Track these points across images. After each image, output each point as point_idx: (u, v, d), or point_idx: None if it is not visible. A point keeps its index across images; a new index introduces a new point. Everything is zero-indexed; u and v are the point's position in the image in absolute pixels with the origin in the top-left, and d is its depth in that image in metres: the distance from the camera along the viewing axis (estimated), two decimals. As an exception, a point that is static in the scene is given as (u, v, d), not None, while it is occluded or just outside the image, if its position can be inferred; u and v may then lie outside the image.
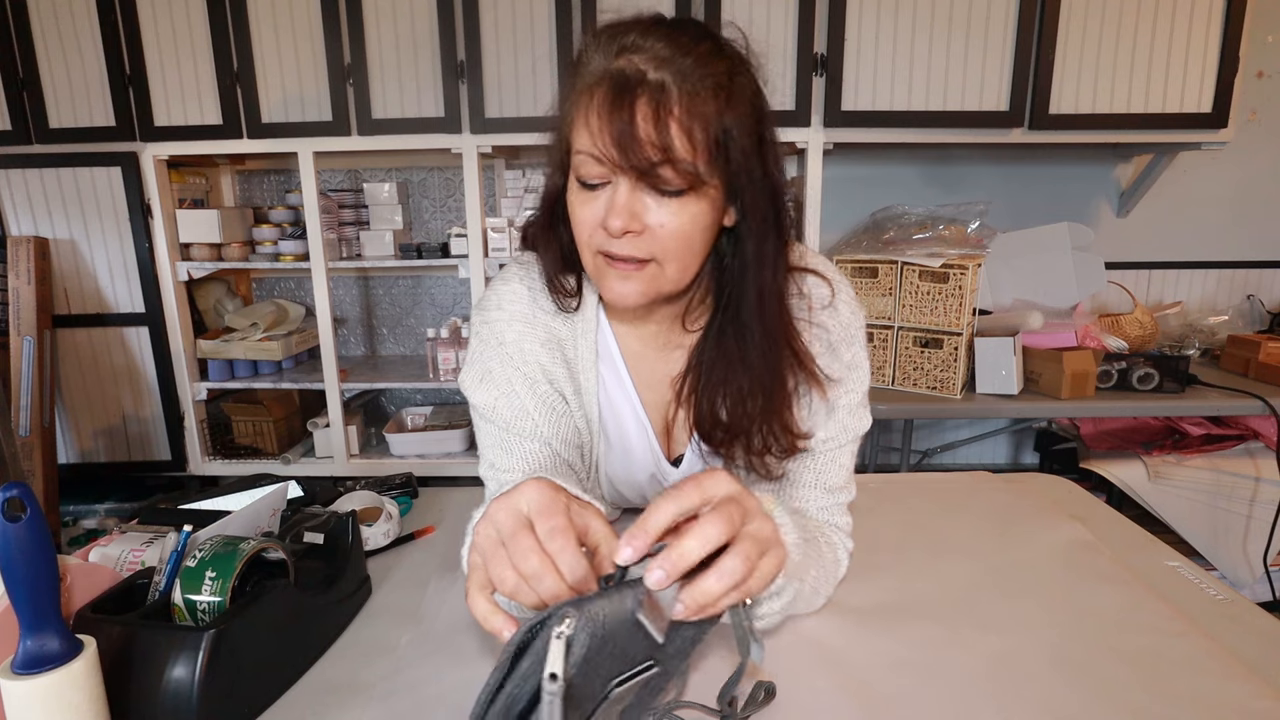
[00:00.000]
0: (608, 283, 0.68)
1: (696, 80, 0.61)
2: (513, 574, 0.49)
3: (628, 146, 0.60)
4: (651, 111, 0.60)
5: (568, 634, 0.43)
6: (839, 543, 0.78)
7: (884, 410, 1.83)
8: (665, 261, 0.66)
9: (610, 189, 0.64)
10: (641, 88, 0.60)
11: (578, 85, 0.65)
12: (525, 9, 1.98)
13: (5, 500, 0.48)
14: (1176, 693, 0.62)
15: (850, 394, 0.77)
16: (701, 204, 0.64)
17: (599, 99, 0.61)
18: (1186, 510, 1.98)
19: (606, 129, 0.60)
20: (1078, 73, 1.99)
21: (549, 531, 0.49)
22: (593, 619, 0.44)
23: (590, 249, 0.68)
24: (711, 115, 0.61)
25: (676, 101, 0.60)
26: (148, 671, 0.56)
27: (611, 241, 0.65)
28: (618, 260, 0.66)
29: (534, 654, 0.45)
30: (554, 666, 0.42)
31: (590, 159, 0.63)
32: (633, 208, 0.63)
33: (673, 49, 0.61)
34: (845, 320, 0.77)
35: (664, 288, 0.68)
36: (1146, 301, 2.51)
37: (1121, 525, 0.99)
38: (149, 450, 2.30)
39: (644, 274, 0.67)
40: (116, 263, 2.18)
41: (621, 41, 0.62)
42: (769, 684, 0.61)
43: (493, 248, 2.17)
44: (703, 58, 0.62)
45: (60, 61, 2.04)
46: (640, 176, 0.62)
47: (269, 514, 0.78)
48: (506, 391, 0.75)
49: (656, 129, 0.60)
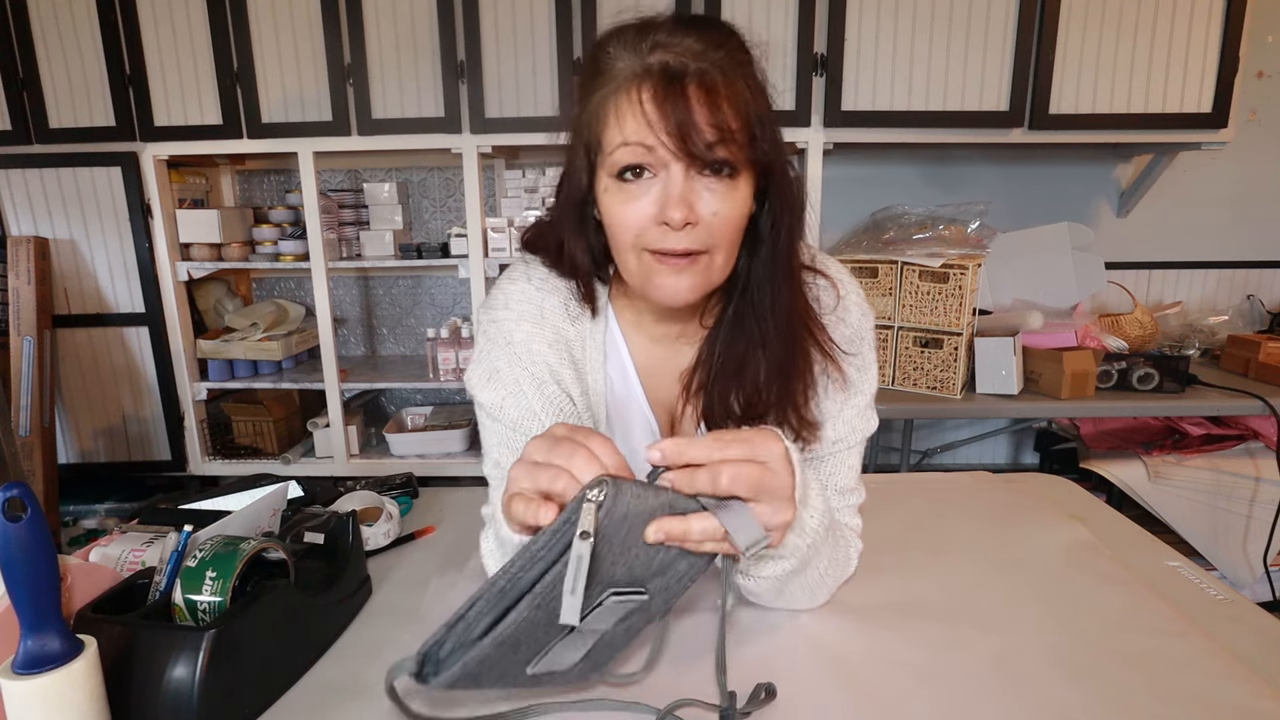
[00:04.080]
0: (659, 280, 0.67)
1: (731, 71, 0.63)
2: (558, 472, 0.53)
3: (687, 133, 0.61)
4: (705, 96, 0.61)
5: (599, 499, 0.48)
6: (851, 541, 0.78)
7: (884, 410, 1.80)
8: (716, 252, 0.67)
9: (659, 183, 0.64)
10: (689, 77, 0.62)
11: (608, 83, 0.65)
12: (525, 9, 1.98)
13: (5, 500, 0.48)
14: (1177, 693, 0.62)
15: (859, 395, 0.78)
16: (745, 190, 0.66)
17: (648, 92, 0.62)
18: (1186, 510, 1.98)
19: (660, 119, 0.61)
20: (1078, 73, 1.99)
21: (585, 435, 0.55)
22: (621, 493, 0.49)
23: (635, 250, 0.67)
24: (749, 101, 0.64)
25: (723, 89, 0.62)
26: (148, 671, 0.56)
27: (667, 237, 0.65)
28: (670, 256, 0.66)
29: (561, 536, 0.49)
30: (585, 525, 0.47)
31: (638, 149, 0.63)
32: (689, 198, 0.64)
33: (704, 44, 0.63)
34: (855, 321, 0.78)
35: (713, 279, 0.69)
36: (1146, 301, 2.51)
37: (1121, 525, 0.99)
38: (149, 450, 2.30)
39: (697, 267, 0.67)
40: (116, 263, 2.18)
41: (653, 39, 0.64)
42: (769, 684, 0.61)
43: (493, 248, 2.17)
44: (732, 52, 0.64)
45: (60, 61, 2.04)
46: (693, 162, 0.63)
47: (269, 514, 0.77)
48: (514, 391, 0.75)
49: (713, 111, 0.61)
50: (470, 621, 0.50)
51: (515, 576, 0.49)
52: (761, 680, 0.62)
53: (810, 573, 0.69)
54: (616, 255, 0.70)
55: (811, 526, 0.64)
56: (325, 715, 0.62)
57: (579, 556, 0.47)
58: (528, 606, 0.48)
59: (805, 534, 0.64)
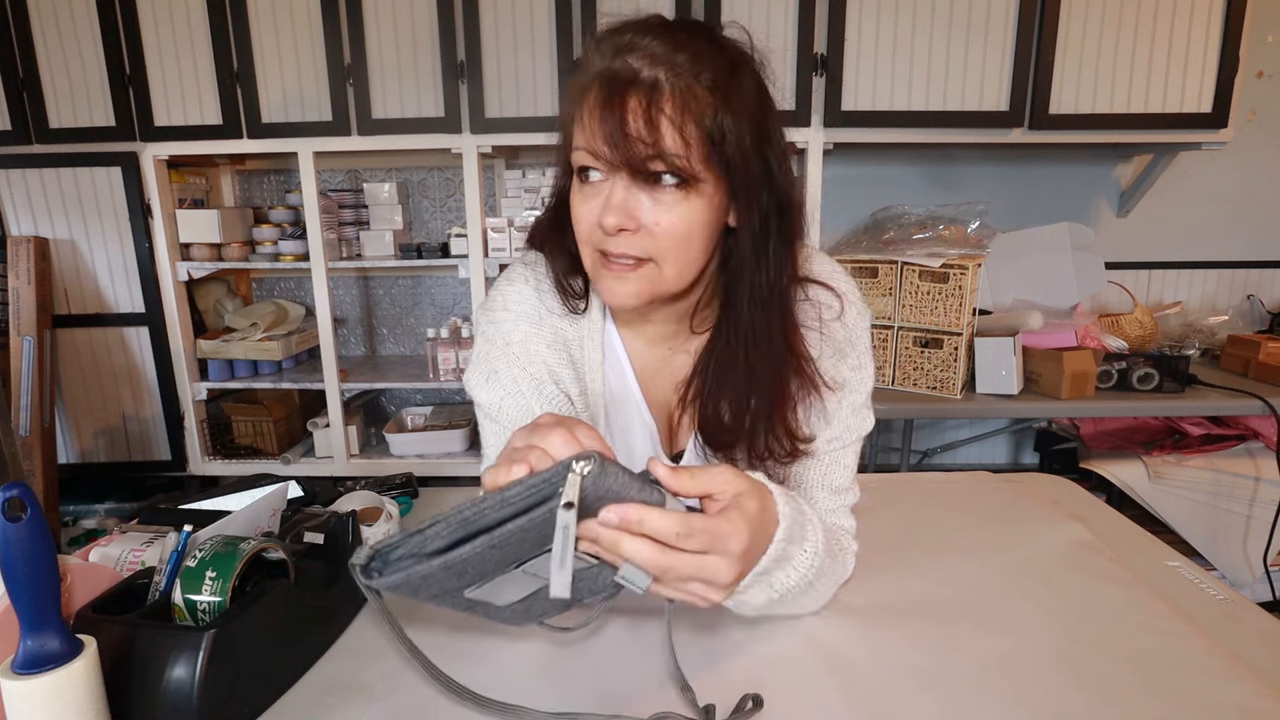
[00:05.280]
0: (604, 282, 0.68)
1: (691, 77, 0.61)
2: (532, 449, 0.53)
3: (618, 143, 0.61)
4: (642, 108, 0.60)
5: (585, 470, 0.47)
6: (847, 547, 0.78)
7: (884, 410, 1.82)
8: (662, 261, 0.66)
9: (608, 186, 0.64)
10: (633, 85, 0.61)
11: (579, 83, 0.65)
12: (525, 9, 1.98)
13: (5, 500, 0.48)
14: (1176, 692, 0.62)
15: (855, 395, 0.78)
16: (698, 202, 0.64)
17: (593, 98, 0.62)
18: (1186, 510, 1.98)
19: (599, 127, 0.61)
20: (1078, 73, 1.99)
21: (570, 423, 0.55)
22: (606, 472, 0.48)
23: (589, 247, 0.68)
24: (706, 111, 0.61)
25: (669, 99, 0.61)
26: (148, 671, 0.56)
27: (608, 240, 0.65)
28: (614, 259, 0.66)
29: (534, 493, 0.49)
30: (570, 496, 0.46)
31: (586, 154, 0.64)
32: (627, 205, 0.63)
33: (667, 46, 0.62)
34: (851, 324, 0.77)
35: (661, 288, 0.68)
36: (1146, 301, 2.51)
37: (1121, 525, 0.99)
38: (149, 450, 2.30)
39: (640, 274, 0.66)
40: (116, 263, 2.18)
41: (618, 41, 0.63)
42: (756, 695, 0.60)
43: (493, 248, 2.17)
44: (698, 55, 0.62)
45: (60, 61, 2.04)
46: (633, 174, 0.62)
47: (269, 514, 0.77)
48: (513, 391, 0.75)
49: (647, 126, 0.60)
50: (428, 538, 0.50)
51: (482, 512, 0.49)
52: (761, 679, 0.62)
53: (802, 599, 0.67)
54: (581, 253, 0.70)
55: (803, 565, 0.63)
56: (325, 715, 0.62)
57: (565, 527, 0.46)
58: (484, 544, 0.48)
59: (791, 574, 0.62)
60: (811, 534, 0.63)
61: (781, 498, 0.60)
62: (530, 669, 0.67)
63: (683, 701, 0.61)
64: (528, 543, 0.50)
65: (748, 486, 0.56)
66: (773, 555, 0.59)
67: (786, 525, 0.59)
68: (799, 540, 0.61)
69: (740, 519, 0.55)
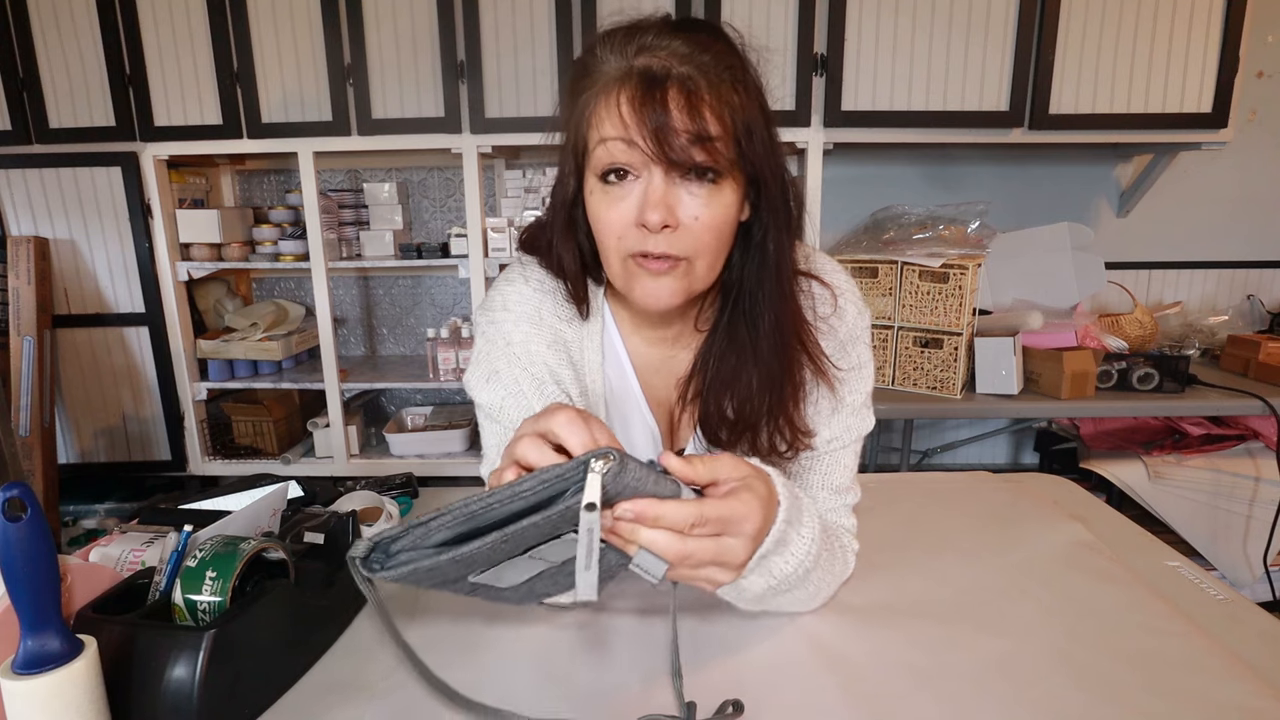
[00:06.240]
0: (640, 284, 0.67)
1: (716, 75, 0.63)
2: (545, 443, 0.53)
3: (664, 137, 0.61)
4: (685, 100, 0.61)
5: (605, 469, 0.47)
6: (848, 545, 0.78)
7: (884, 410, 1.81)
8: (697, 258, 0.66)
9: (641, 185, 0.64)
10: (671, 80, 0.61)
11: (594, 85, 0.65)
12: (525, 9, 1.98)
13: (5, 500, 0.48)
14: (1176, 692, 0.62)
15: (854, 394, 0.78)
16: (730, 195, 0.65)
17: (625, 94, 0.62)
18: (1186, 510, 1.98)
19: (640, 122, 0.61)
20: (1078, 73, 1.99)
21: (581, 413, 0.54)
22: (626, 469, 0.48)
23: (619, 253, 0.67)
24: (736, 106, 0.63)
25: (706, 92, 0.62)
26: (148, 671, 0.56)
27: (647, 240, 0.64)
28: (652, 260, 0.65)
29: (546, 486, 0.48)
30: (592, 497, 0.46)
31: (621, 149, 0.63)
32: (668, 201, 0.63)
33: (691, 47, 0.63)
34: (851, 321, 0.78)
35: (695, 286, 0.68)
36: (1146, 301, 2.51)
37: (1121, 525, 0.99)
38: (149, 450, 2.30)
39: (677, 272, 0.67)
40: (116, 263, 2.18)
41: (640, 41, 0.63)
42: (736, 700, 0.60)
43: (493, 248, 2.17)
44: (720, 55, 0.64)
45: (60, 61, 2.04)
46: (672, 167, 0.63)
47: (269, 514, 0.78)
48: (514, 392, 0.75)
49: (691, 116, 0.61)
50: (431, 530, 0.49)
51: (490, 506, 0.48)
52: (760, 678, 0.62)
53: (797, 591, 0.67)
54: (602, 258, 0.70)
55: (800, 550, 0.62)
56: (325, 715, 0.62)
57: (589, 530, 0.46)
58: (495, 540, 0.48)
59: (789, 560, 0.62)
60: (808, 519, 0.64)
61: (779, 481, 0.61)
62: (525, 669, 0.67)
63: (677, 700, 0.61)
64: (539, 533, 0.50)
65: (751, 470, 0.58)
66: (775, 537, 0.59)
67: (786, 506, 0.60)
68: (797, 523, 0.62)
69: (753, 499, 0.56)
